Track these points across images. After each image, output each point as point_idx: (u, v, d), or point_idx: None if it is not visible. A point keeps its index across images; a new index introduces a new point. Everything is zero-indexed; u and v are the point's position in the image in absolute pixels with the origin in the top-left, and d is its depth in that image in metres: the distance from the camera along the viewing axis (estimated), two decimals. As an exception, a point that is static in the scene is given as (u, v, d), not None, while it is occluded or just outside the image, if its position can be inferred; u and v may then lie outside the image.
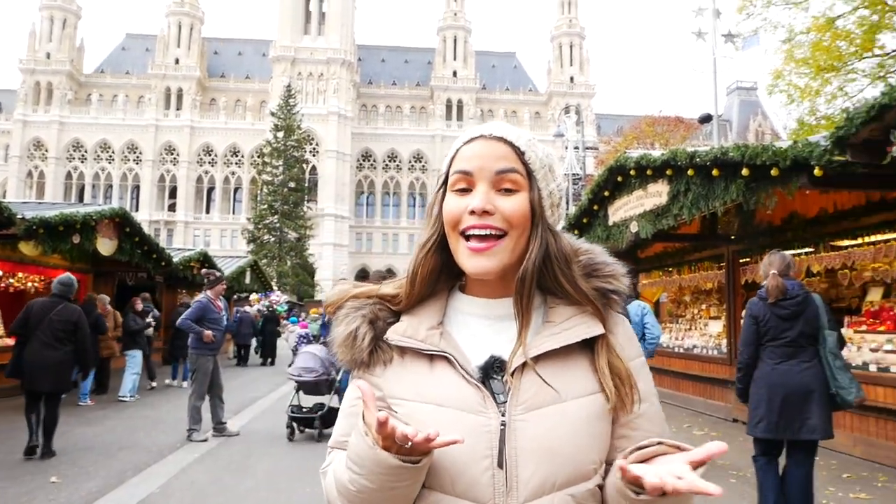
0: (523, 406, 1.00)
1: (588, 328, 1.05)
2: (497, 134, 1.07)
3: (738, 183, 6.99)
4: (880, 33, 14.61)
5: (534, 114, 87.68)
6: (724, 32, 17.22)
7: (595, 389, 1.04)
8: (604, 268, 1.12)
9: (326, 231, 76.17)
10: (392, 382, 1.07)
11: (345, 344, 1.10)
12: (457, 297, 1.14)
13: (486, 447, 0.99)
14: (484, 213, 1.02)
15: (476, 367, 1.04)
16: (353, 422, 1.02)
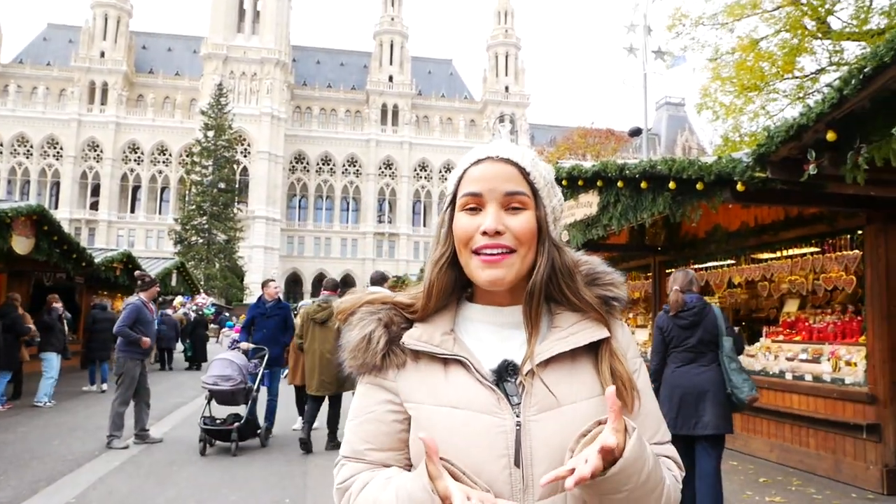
0: (536, 407, 1.06)
1: (594, 332, 1.12)
2: (504, 155, 1.12)
3: (665, 196, 7.15)
4: (800, 56, 15.34)
5: (469, 121, 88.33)
6: (655, 49, 17.75)
7: (601, 392, 1.09)
8: (604, 276, 1.19)
9: (257, 234, 74.67)
10: (407, 386, 1.11)
11: (358, 348, 1.13)
12: (465, 307, 1.19)
13: (502, 447, 1.04)
14: (496, 234, 1.08)
15: (490, 371, 1.09)
16: (372, 428, 1.12)
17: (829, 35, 14.99)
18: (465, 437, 1.04)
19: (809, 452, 6.86)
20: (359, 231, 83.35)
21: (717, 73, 16.63)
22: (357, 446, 1.13)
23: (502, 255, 1.08)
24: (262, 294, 9.14)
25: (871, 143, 4.60)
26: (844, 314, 7.20)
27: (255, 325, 8.86)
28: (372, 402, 1.14)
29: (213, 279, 51.73)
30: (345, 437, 1.17)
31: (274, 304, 8.94)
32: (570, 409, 1.06)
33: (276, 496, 5.90)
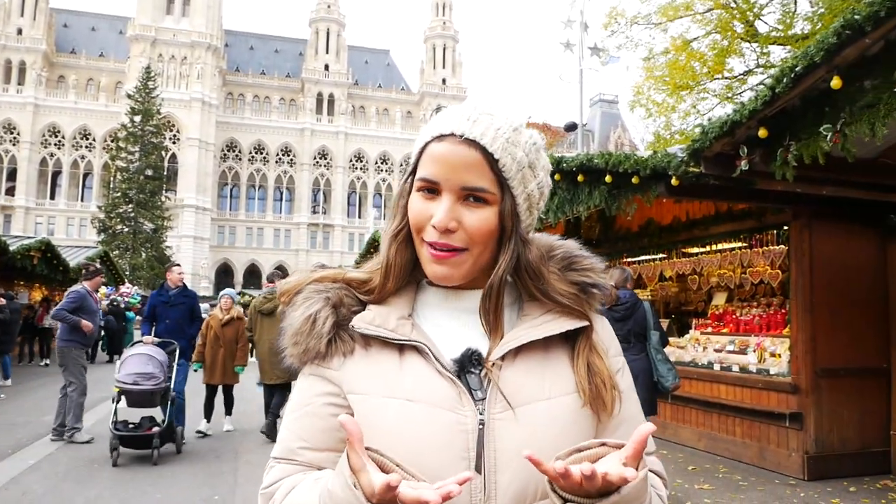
0: (503, 403, 0.92)
1: (572, 320, 0.98)
2: (469, 136, 0.93)
3: (601, 189, 7.22)
4: (730, 57, 15.88)
5: (406, 113, 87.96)
6: (591, 45, 18.02)
7: (577, 389, 0.96)
8: (581, 261, 1.05)
9: (186, 223, 72.43)
10: (354, 376, 0.96)
11: (301, 331, 0.97)
12: (425, 290, 1.04)
13: (462, 448, 0.90)
14: (446, 231, 0.93)
15: (451, 361, 0.95)
16: (308, 424, 0.97)
17: (757, 38, 15.53)
18: (420, 435, 0.90)
19: (736, 441, 7.07)
20: (292, 222, 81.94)
21: (650, 72, 17.04)
22: (290, 444, 0.98)
23: (451, 252, 0.94)
24: (164, 281, 8.28)
25: (800, 141, 4.73)
26: (770, 307, 7.45)
27: (157, 315, 7.96)
28: (310, 395, 0.99)
29: (139, 269, 49.91)
30: (279, 435, 1.02)
31: (178, 291, 8.06)
32: (543, 407, 0.93)
33: (206, 494, 5.69)
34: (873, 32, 3.96)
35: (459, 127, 0.94)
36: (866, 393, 6.47)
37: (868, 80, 4.22)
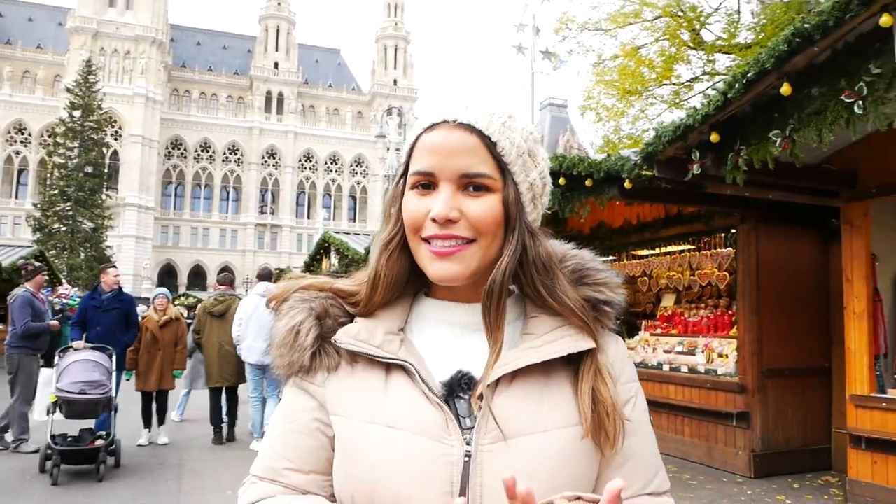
0: (493, 434, 0.83)
1: (575, 342, 0.88)
2: (463, 120, 0.87)
3: (554, 192, 7.25)
4: (677, 64, 16.27)
5: (356, 113, 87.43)
6: (543, 49, 18.18)
7: (578, 420, 0.86)
8: (595, 275, 0.94)
9: (128, 222, 70.41)
10: (337, 395, 0.89)
11: (285, 342, 0.90)
12: (422, 302, 0.96)
13: (445, 482, 0.81)
14: (447, 222, 0.85)
15: (440, 384, 0.86)
16: (293, 442, 0.90)
17: (703, 47, 15.94)
18: (400, 465, 0.82)
19: (685, 440, 7.20)
20: (239, 222, 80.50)
21: (601, 77, 17.30)
22: (274, 463, 0.90)
23: (456, 246, 0.86)
24: (98, 283, 7.70)
25: (750, 146, 4.82)
26: (717, 309, 7.61)
27: (89, 320, 7.35)
28: (296, 410, 0.91)
29: (77, 270, 48.18)
30: (260, 451, 0.95)
31: (113, 295, 7.46)
32: (538, 440, 0.84)
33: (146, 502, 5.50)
34: (822, 41, 4.07)
35: (452, 113, 0.88)
36: (809, 392, 6.66)
37: (816, 88, 4.33)
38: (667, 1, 15.94)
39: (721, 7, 16.24)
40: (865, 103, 4.03)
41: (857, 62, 4.08)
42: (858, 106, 4.06)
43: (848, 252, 5.63)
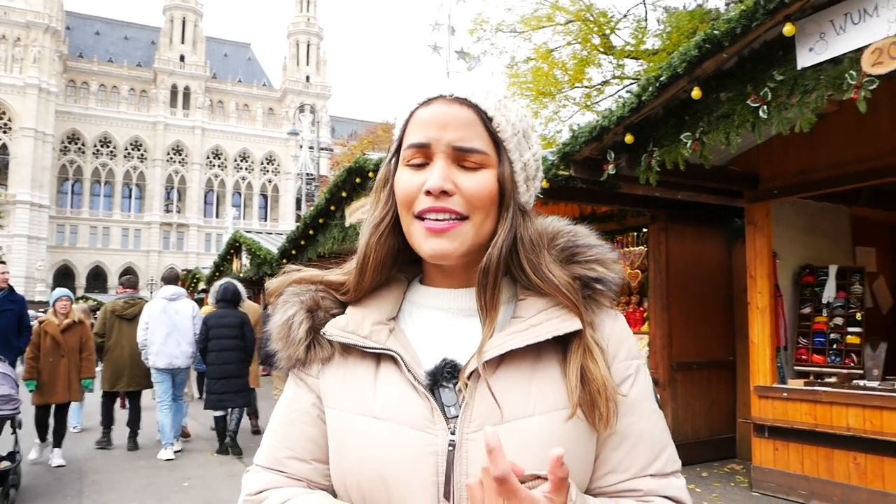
0: (478, 421, 0.81)
1: (561, 323, 0.85)
2: (459, 94, 0.87)
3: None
4: (589, 67, 16.72)
5: (267, 110, 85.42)
6: (458, 49, 18.27)
7: (568, 402, 0.83)
8: (586, 251, 0.92)
9: (19, 221, 66.16)
10: (329, 387, 0.90)
11: (280, 336, 0.92)
12: (415, 289, 0.96)
13: (430, 472, 0.81)
14: (442, 194, 0.84)
15: (425, 373, 0.85)
16: (295, 432, 0.91)
17: (613, 51, 16.44)
18: (387, 457, 0.81)
19: (598, 434, 7.37)
20: (143, 221, 77.08)
21: (515, 78, 17.55)
22: (277, 453, 0.91)
23: (451, 221, 0.84)
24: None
25: (662, 148, 4.98)
26: (629, 306, 7.83)
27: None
28: (296, 402, 0.93)
29: (-38, 271, 44.93)
30: (263, 441, 0.95)
31: (3, 295, 6.72)
32: (526, 425, 0.81)
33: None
34: (730, 48, 4.24)
35: (448, 88, 0.88)
36: (715, 384, 6.95)
37: (724, 93, 4.52)
38: (578, 6, 16.36)
39: (629, 14, 16.82)
40: (769, 108, 4.23)
41: (762, 69, 4.27)
42: (763, 111, 4.25)
43: (751, 250, 5.91)
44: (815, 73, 3.99)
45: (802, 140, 4.93)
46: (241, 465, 6.83)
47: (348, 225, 10.56)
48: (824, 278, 5.93)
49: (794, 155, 5.60)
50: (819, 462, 5.29)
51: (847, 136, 5.34)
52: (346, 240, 10.62)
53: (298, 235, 12.05)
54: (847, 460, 5.10)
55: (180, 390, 7.66)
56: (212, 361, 7.29)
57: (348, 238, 10.56)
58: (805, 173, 5.62)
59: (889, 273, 7.03)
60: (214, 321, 7.40)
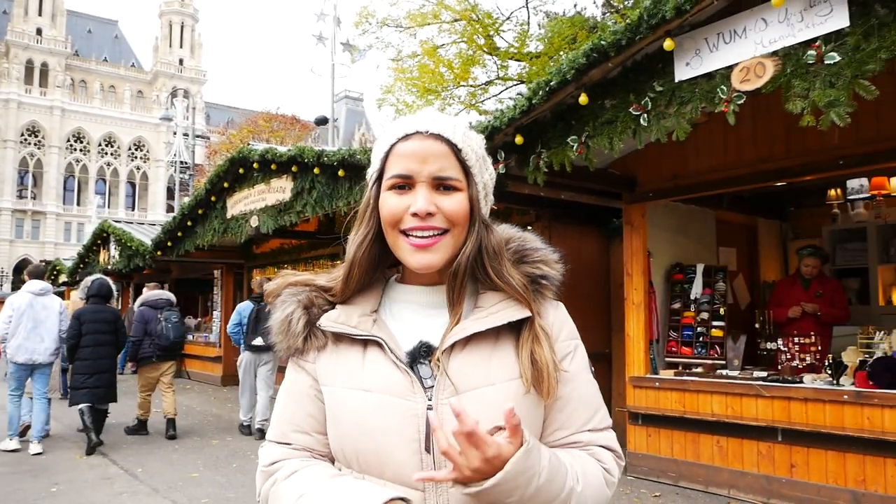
0: (450, 390, 1.02)
1: (515, 311, 1.07)
2: (434, 131, 1.06)
3: (362, 185, 7.28)
4: (474, 67, 17.02)
5: (136, 92, 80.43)
6: (343, 41, 18.05)
7: (520, 374, 1.06)
8: (533, 254, 1.15)
9: None
10: (324, 369, 1.10)
11: (281, 330, 1.12)
12: (392, 287, 1.16)
13: (413, 431, 1.01)
14: (427, 216, 1.03)
15: (405, 353, 1.06)
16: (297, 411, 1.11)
17: (497, 52, 16.83)
18: (377, 421, 1.02)
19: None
20: (-8, 206, 70.63)
21: (401, 73, 17.59)
22: (283, 428, 1.12)
23: (434, 237, 1.04)
24: None
25: (550, 149, 5.19)
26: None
27: None
28: (296, 385, 1.13)
29: None
30: (272, 420, 1.16)
31: None
32: (487, 392, 1.03)
33: None
34: (615, 58, 4.48)
35: (423, 125, 1.06)
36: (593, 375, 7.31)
37: (609, 100, 4.77)
38: (464, 6, 16.61)
39: (513, 16, 17.28)
40: (650, 116, 4.51)
41: (643, 79, 4.55)
42: (644, 118, 4.54)
43: (628, 249, 6.28)
44: (690, 86, 4.30)
45: (675, 147, 5.29)
46: (115, 469, 6.46)
47: (230, 217, 10.19)
48: (692, 276, 6.40)
49: (668, 161, 6.00)
50: (687, 446, 5.72)
51: (714, 146, 5.78)
52: (228, 232, 10.25)
53: (175, 226, 11.51)
54: (711, 443, 5.54)
55: (44, 387, 7.25)
56: (85, 357, 7.15)
57: (230, 230, 10.19)
58: (677, 178, 6.03)
59: (747, 272, 7.68)
60: (89, 316, 7.26)
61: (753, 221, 7.95)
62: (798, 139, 5.09)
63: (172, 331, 8.01)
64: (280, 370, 11.23)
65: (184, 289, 16.83)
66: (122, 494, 5.62)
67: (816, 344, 5.88)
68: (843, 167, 5.12)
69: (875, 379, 4.72)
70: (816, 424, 4.92)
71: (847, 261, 8.02)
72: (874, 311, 7.40)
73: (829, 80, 3.60)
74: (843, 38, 3.57)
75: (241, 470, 6.47)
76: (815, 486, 4.93)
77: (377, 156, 1.10)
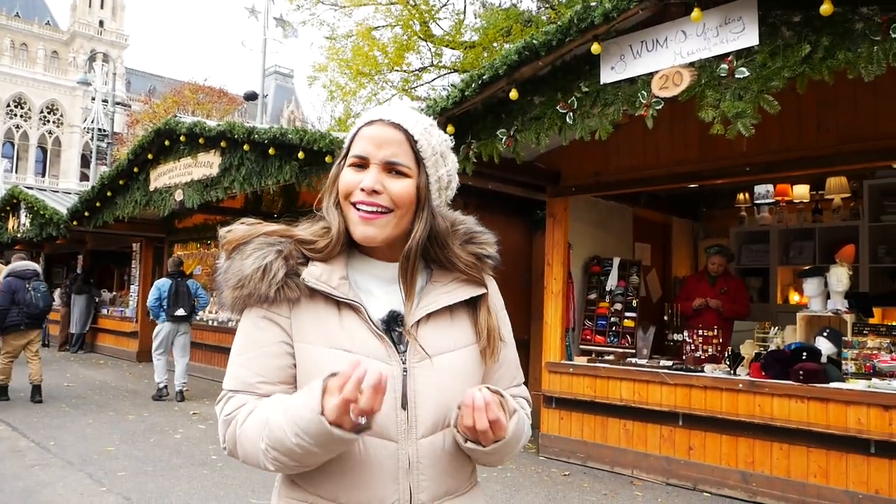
0: (420, 356, 1.17)
1: (473, 289, 1.25)
2: (394, 120, 1.18)
3: (292, 164, 7.27)
4: (409, 53, 17.00)
5: (51, 52, 76.12)
6: (277, 16, 17.71)
7: (473, 341, 1.24)
8: (479, 236, 1.31)
9: None
10: (302, 325, 1.15)
11: (251, 277, 1.13)
12: (355, 257, 1.24)
13: (392, 391, 1.12)
14: (373, 193, 1.15)
15: (380, 320, 1.17)
16: (266, 363, 1.15)
17: (432, 39, 16.88)
18: None
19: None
20: None
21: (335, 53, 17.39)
22: (249, 379, 1.15)
23: (377, 213, 1.15)
24: None
25: (480, 141, 5.36)
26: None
27: None
28: (266, 337, 1.16)
29: None
30: (232, 371, 1.18)
31: None
32: (449, 357, 1.19)
33: None
34: (546, 57, 4.68)
35: (386, 114, 1.19)
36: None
37: (537, 97, 4.97)
38: (401, -11, 16.56)
39: (450, 3, 17.34)
40: (575, 115, 4.74)
41: (571, 79, 4.77)
42: (570, 117, 4.76)
43: (550, 240, 6.53)
44: (614, 89, 4.54)
45: (598, 146, 5.54)
46: (26, 441, 6.29)
47: (153, 189, 9.94)
48: (609, 268, 6.73)
49: (590, 158, 6.27)
50: (596, 429, 6.05)
51: (634, 148, 6.08)
52: (151, 204, 9.99)
53: (94, 196, 11.12)
54: (618, 427, 5.88)
55: None
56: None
57: (153, 203, 9.94)
58: (599, 175, 6.31)
59: (660, 267, 8.10)
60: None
61: (668, 220, 8.39)
62: (710, 145, 5.43)
63: (42, 300, 8.24)
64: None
65: (99, 261, 16.25)
66: (33, 467, 5.50)
67: (719, 337, 6.29)
68: (750, 173, 5.50)
69: (767, 370, 5.13)
70: (714, 410, 5.31)
71: (751, 261, 8.57)
72: (773, 309, 7.96)
73: (738, 93, 3.89)
74: (753, 55, 3.87)
75: (160, 444, 6.41)
76: (710, 466, 5.33)
77: (348, 137, 1.23)
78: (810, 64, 3.64)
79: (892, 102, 4.74)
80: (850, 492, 4.62)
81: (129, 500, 4.81)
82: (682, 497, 5.22)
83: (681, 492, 5.33)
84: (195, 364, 10.63)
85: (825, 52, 3.59)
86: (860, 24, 3.49)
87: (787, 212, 7.83)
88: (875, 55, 3.43)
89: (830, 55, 3.57)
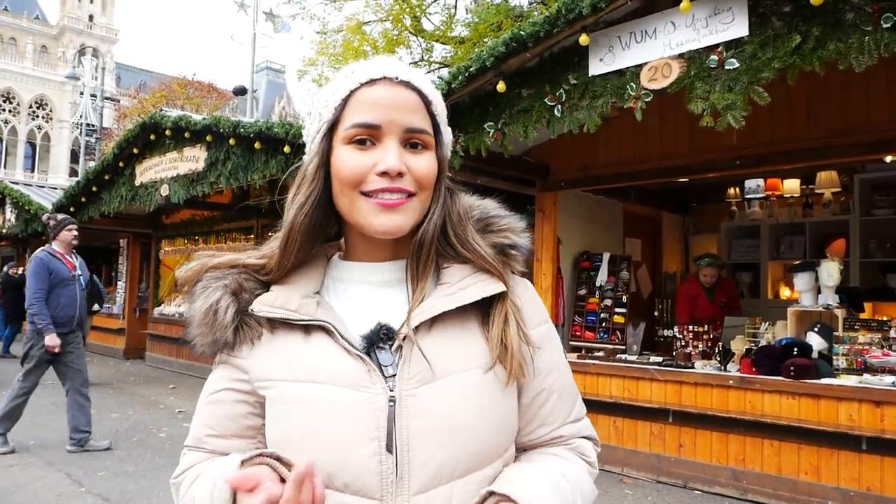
0: (417, 378, 0.87)
1: (486, 286, 0.92)
2: (404, 78, 0.90)
3: (278, 159, 7.18)
4: (399, 47, 16.90)
5: (40, 47, 75.55)
6: (266, 10, 17.57)
7: (491, 361, 0.91)
8: (499, 221, 1.00)
9: None
10: (259, 363, 0.91)
11: (204, 322, 0.91)
12: (336, 266, 0.99)
13: (372, 428, 0.85)
14: (397, 176, 0.87)
15: (360, 337, 0.90)
16: (214, 411, 0.94)
17: (423, 34, 16.79)
18: (328, 418, 0.85)
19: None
20: None
21: (325, 48, 17.27)
22: (198, 432, 0.95)
23: (402, 199, 0.88)
24: None
25: (467, 134, 5.28)
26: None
27: None
28: (217, 382, 0.95)
29: None
30: (192, 423, 0.98)
31: None
32: (459, 380, 0.88)
33: None
34: (534, 49, 4.60)
35: (392, 70, 0.90)
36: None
37: (525, 89, 4.89)
38: (392, -17, 16.45)
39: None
40: (563, 108, 4.66)
41: (559, 72, 4.69)
42: (558, 109, 4.68)
43: (539, 236, 6.46)
44: (603, 81, 4.46)
45: (587, 139, 5.47)
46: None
47: (139, 184, 9.83)
48: (598, 264, 6.66)
49: (579, 152, 6.20)
50: (584, 426, 5.97)
51: (624, 141, 6.01)
52: (136, 200, 9.89)
53: (80, 191, 11.00)
54: (608, 423, 5.81)
55: None
56: None
57: (138, 198, 9.84)
58: (588, 169, 6.24)
59: (650, 262, 8.05)
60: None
61: (658, 215, 8.33)
62: (700, 138, 5.37)
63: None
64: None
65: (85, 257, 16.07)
66: (12, 468, 5.39)
67: (709, 332, 6.24)
68: (740, 167, 5.44)
69: (757, 366, 5.08)
70: (704, 407, 5.25)
71: (741, 256, 8.53)
72: (763, 304, 7.92)
73: (728, 85, 3.82)
74: (743, 45, 3.80)
75: (143, 443, 6.32)
76: (701, 464, 5.27)
77: (330, 104, 0.91)
78: (801, 54, 3.57)
79: (883, 94, 4.69)
80: (842, 489, 4.57)
81: (107, 500, 4.72)
82: (673, 495, 5.16)
83: (671, 489, 5.28)
84: (182, 361, 10.52)
85: (816, 43, 3.52)
86: (851, 14, 3.43)
87: (777, 206, 7.78)
88: (866, 45, 3.36)
89: (821, 46, 3.50)
